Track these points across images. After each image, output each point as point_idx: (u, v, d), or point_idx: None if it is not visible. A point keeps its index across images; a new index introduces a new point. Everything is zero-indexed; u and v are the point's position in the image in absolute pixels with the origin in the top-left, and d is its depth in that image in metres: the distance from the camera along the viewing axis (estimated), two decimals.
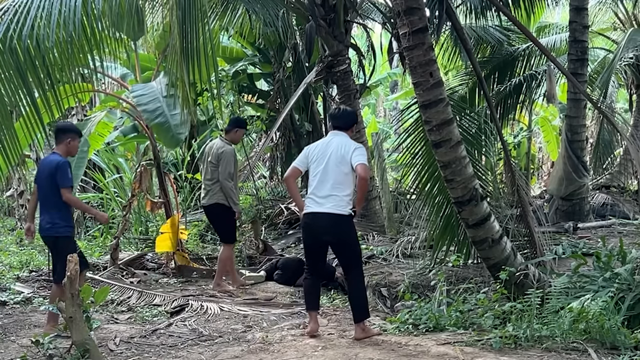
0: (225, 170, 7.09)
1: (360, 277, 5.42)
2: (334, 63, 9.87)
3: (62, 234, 5.58)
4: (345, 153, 5.31)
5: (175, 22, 5.21)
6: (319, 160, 5.31)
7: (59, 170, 5.47)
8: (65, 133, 5.70)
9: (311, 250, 5.40)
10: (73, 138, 5.71)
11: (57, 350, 4.88)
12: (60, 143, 5.67)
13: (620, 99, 19.00)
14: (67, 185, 5.49)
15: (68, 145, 5.68)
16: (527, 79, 11.51)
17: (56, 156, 5.60)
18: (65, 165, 5.52)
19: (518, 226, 7.13)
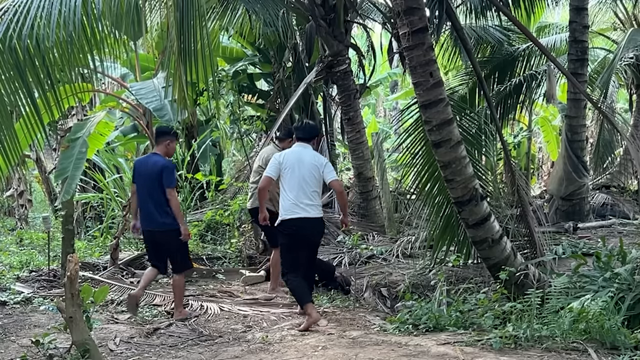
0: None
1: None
2: (334, 63, 9.87)
3: (174, 227, 6.09)
4: (319, 165, 6.00)
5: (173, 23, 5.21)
6: (295, 168, 5.87)
7: (165, 171, 6.04)
8: (164, 135, 6.25)
9: (301, 253, 5.90)
10: (172, 140, 6.27)
11: (57, 350, 4.88)
12: (160, 144, 6.22)
13: (620, 99, 18.99)
14: (172, 185, 6.09)
15: (167, 147, 6.23)
16: (527, 79, 11.50)
17: (158, 157, 6.16)
18: (171, 166, 6.17)
19: (518, 226, 7.13)
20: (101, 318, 6.05)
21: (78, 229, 11.79)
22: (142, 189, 6.16)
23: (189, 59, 5.24)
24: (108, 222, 11.50)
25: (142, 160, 6.42)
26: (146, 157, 6.50)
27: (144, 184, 6.14)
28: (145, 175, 6.12)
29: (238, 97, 12.86)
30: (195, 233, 10.13)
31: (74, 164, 7.84)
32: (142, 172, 6.18)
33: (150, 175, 6.06)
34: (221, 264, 8.79)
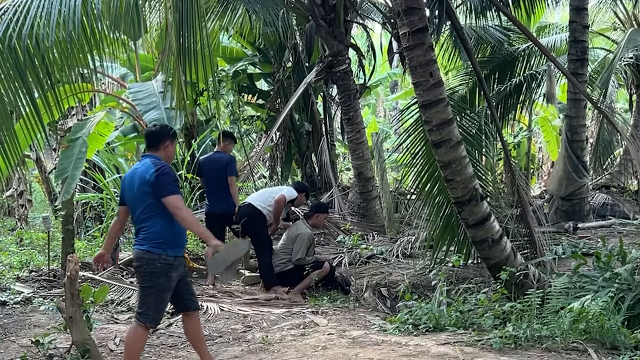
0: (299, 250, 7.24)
1: None
2: (334, 63, 9.87)
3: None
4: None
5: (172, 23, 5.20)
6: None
7: (230, 163, 7.66)
8: (227, 137, 7.99)
9: None
10: (229, 142, 7.98)
11: (57, 350, 4.88)
12: (223, 143, 7.90)
13: (620, 99, 18.99)
14: (235, 174, 7.78)
15: (226, 147, 7.87)
16: (527, 79, 11.50)
17: (223, 154, 7.78)
18: (234, 159, 7.92)
19: (518, 226, 7.13)
20: (101, 318, 6.05)
21: (78, 229, 11.78)
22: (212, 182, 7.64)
23: (188, 60, 5.24)
24: (108, 222, 11.48)
25: (208, 159, 7.86)
26: (210, 155, 8.01)
27: (212, 177, 7.61)
28: (214, 170, 7.58)
29: (238, 97, 12.89)
30: None
31: (73, 164, 7.84)
32: (210, 168, 7.64)
33: (219, 169, 7.56)
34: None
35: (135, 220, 4.41)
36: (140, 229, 4.34)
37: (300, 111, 12.77)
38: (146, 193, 4.28)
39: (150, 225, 4.28)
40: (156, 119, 7.76)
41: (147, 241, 4.27)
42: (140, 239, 4.32)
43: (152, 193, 4.25)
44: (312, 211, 7.72)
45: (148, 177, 4.26)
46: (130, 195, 4.42)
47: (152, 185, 4.24)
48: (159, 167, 4.30)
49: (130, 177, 4.47)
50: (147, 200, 4.29)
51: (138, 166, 4.45)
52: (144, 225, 4.31)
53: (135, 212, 4.39)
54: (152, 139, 4.50)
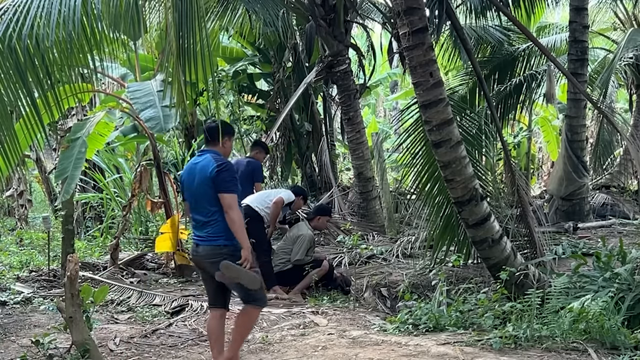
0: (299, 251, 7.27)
1: None
2: (334, 63, 9.87)
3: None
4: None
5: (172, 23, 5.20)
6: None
7: (256, 170, 8.06)
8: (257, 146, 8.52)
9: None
10: (259, 151, 8.38)
11: (57, 350, 4.88)
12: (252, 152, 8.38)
13: (620, 99, 18.99)
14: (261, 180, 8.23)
15: (256, 155, 8.27)
16: (527, 79, 11.50)
17: (252, 160, 8.16)
18: (260, 166, 8.31)
19: (518, 226, 7.13)
20: (101, 318, 6.05)
21: (78, 229, 11.79)
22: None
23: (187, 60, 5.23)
24: (108, 222, 11.50)
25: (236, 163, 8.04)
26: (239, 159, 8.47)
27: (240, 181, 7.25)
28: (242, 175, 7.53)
29: (238, 97, 12.89)
30: None
31: (73, 164, 7.83)
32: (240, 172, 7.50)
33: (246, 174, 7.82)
34: None
35: (198, 213, 4.41)
36: (208, 223, 4.34)
37: (300, 111, 12.77)
38: (209, 187, 4.32)
39: (218, 218, 4.30)
40: (152, 117, 7.73)
41: (220, 235, 4.31)
42: (211, 234, 4.33)
43: (214, 188, 4.30)
44: (314, 213, 7.74)
45: (209, 172, 4.31)
46: (191, 189, 4.46)
47: (213, 180, 4.29)
48: (220, 162, 4.35)
49: (189, 171, 4.52)
50: (209, 195, 4.32)
51: (198, 160, 4.49)
52: (212, 219, 4.33)
53: (198, 206, 4.41)
54: (211, 134, 4.54)
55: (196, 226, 4.47)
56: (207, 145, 4.58)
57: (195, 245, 4.46)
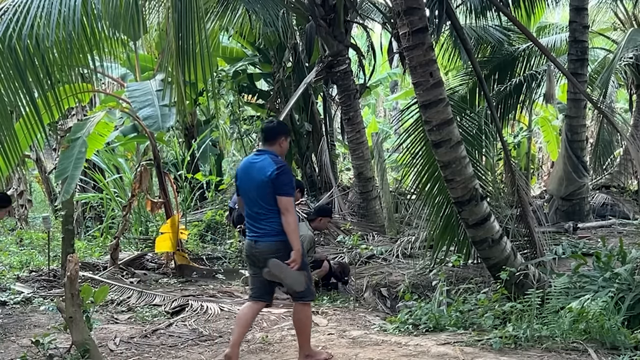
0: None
1: None
2: (334, 63, 9.87)
3: None
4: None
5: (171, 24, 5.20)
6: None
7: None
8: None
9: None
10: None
11: (57, 350, 4.88)
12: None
13: (620, 99, 18.99)
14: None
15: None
16: (527, 79, 11.50)
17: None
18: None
19: (518, 226, 7.13)
20: (101, 318, 6.05)
21: (78, 229, 11.79)
22: None
23: (187, 61, 5.23)
24: (108, 222, 11.50)
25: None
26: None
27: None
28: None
29: (238, 97, 12.89)
30: (195, 233, 10.13)
31: (73, 164, 7.82)
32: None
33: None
34: (221, 264, 8.79)
35: (254, 211, 4.51)
36: (265, 220, 4.45)
37: (300, 111, 12.77)
38: (267, 188, 4.42)
39: (274, 216, 4.42)
40: (149, 116, 7.72)
41: (275, 232, 4.43)
42: (268, 230, 4.45)
43: (271, 188, 4.41)
44: (315, 214, 7.70)
45: (269, 173, 4.41)
46: (247, 187, 4.55)
47: (272, 182, 4.40)
48: (280, 165, 4.48)
49: (246, 169, 4.60)
50: (266, 195, 4.43)
51: (255, 160, 4.58)
52: (270, 216, 4.44)
53: (254, 204, 4.50)
54: (269, 133, 4.66)
55: (252, 223, 4.56)
56: (264, 145, 4.67)
57: (251, 241, 4.55)
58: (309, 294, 4.58)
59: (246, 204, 4.59)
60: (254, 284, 4.69)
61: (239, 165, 4.79)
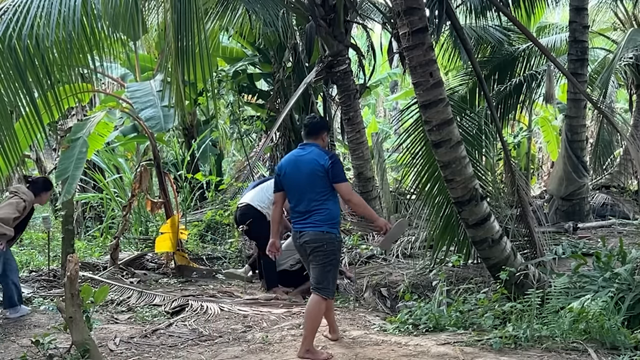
0: None
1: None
2: (334, 63, 9.87)
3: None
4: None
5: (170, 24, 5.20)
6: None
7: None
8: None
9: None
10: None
11: (57, 350, 4.88)
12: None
13: (620, 99, 18.99)
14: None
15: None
16: (527, 79, 11.50)
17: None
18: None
19: (518, 226, 7.13)
20: (101, 318, 6.05)
21: (78, 229, 11.79)
22: None
23: (186, 61, 5.23)
24: (108, 222, 11.50)
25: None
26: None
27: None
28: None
29: (238, 97, 12.89)
30: (195, 233, 10.13)
31: (74, 164, 7.82)
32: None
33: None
34: (221, 264, 8.79)
35: (302, 202, 4.68)
36: (313, 212, 4.64)
37: (300, 111, 12.77)
38: (320, 178, 4.63)
39: (325, 207, 4.63)
40: (152, 117, 7.73)
41: (324, 223, 4.63)
42: (315, 221, 4.63)
43: (326, 178, 4.60)
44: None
45: (323, 163, 4.63)
46: (296, 180, 4.72)
47: (327, 171, 4.61)
48: (331, 155, 4.72)
49: (293, 162, 4.78)
50: (320, 185, 4.64)
51: (301, 153, 4.79)
52: (319, 208, 4.64)
53: (303, 195, 4.68)
54: (313, 128, 4.89)
55: (300, 215, 4.73)
56: (308, 139, 4.87)
57: (298, 233, 4.74)
58: (330, 291, 4.74)
59: (294, 197, 4.77)
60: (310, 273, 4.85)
61: (282, 161, 4.95)
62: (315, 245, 4.63)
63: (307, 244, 4.67)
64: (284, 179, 4.82)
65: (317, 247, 4.63)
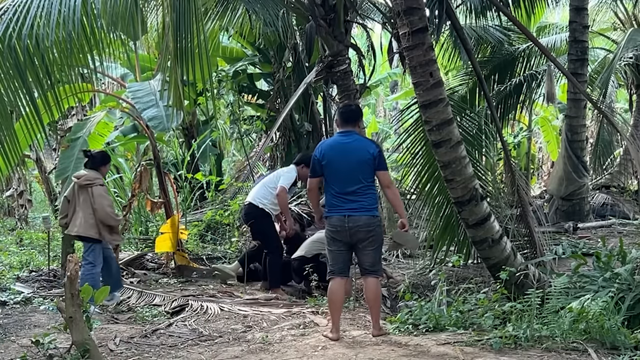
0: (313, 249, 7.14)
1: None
2: (334, 63, 9.85)
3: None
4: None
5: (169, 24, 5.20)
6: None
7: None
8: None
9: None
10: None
11: (57, 350, 4.87)
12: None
13: (620, 99, 19.00)
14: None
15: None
16: (527, 79, 11.51)
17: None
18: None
19: (518, 226, 7.13)
20: (101, 318, 6.05)
21: None
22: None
23: (185, 61, 5.23)
24: None
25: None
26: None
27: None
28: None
29: (238, 97, 12.88)
30: (195, 233, 10.13)
31: (74, 163, 7.84)
32: None
33: None
34: (221, 264, 8.78)
35: (349, 187, 4.89)
36: (363, 196, 4.90)
37: (300, 111, 12.76)
38: (369, 165, 4.91)
39: (371, 192, 4.96)
40: (154, 117, 7.73)
41: (373, 207, 4.96)
42: (366, 206, 4.91)
43: (373, 166, 4.91)
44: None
45: (372, 152, 4.92)
46: (344, 165, 4.91)
47: (375, 158, 4.91)
48: (376, 144, 5.08)
49: (338, 148, 4.97)
50: (368, 172, 4.93)
51: (346, 140, 4.98)
52: (367, 192, 4.93)
53: (351, 181, 4.89)
54: (352, 115, 5.14)
55: (346, 198, 4.92)
56: (345, 126, 5.06)
57: (346, 217, 4.90)
58: (380, 269, 5.21)
59: (339, 182, 4.93)
60: (338, 260, 5.05)
61: (323, 147, 5.07)
62: (369, 229, 4.91)
63: (360, 228, 4.88)
64: (327, 165, 4.98)
65: (370, 230, 4.91)
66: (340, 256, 5.04)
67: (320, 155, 5.01)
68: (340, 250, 5.03)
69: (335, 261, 5.07)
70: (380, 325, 5.08)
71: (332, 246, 5.08)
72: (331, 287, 5.07)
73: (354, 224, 4.89)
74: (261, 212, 7.09)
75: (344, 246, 5.00)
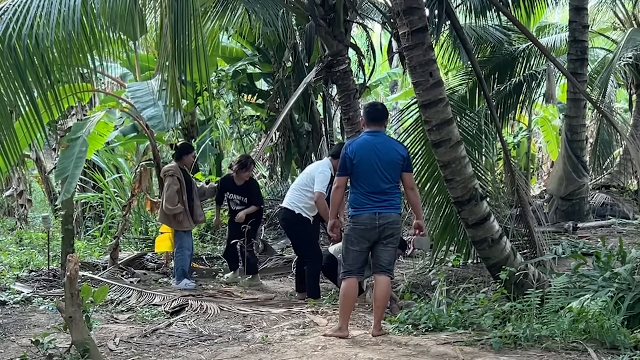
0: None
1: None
2: (334, 63, 9.84)
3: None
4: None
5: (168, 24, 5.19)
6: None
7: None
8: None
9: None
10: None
11: (57, 350, 4.88)
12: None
13: (620, 99, 19.00)
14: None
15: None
16: (527, 79, 11.51)
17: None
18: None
19: (518, 226, 7.13)
20: (101, 318, 6.05)
21: (78, 229, 11.78)
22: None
23: (183, 62, 5.23)
24: (108, 222, 11.50)
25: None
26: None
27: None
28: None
29: (238, 97, 12.89)
30: (195, 233, 10.13)
31: (74, 163, 7.83)
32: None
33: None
34: (221, 264, 8.79)
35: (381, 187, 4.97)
36: (390, 194, 5.01)
37: (300, 111, 12.77)
38: (399, 166, 5.00)
39: (397, 192, 5.09)
40: (154, 116, 7.74)
41: (399, 206, 5.13)
42: (394, 204, 5.04)
43: (402, 166, 5.01)
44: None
45: (402, 154, 5.05)
46: (375, 164, 4.95)
47: (404, 159, 5.03)
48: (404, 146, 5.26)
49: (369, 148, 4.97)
50: (397, 172, 5.01)
51: (376, 140, 5.02)
52: (395, 192, 5.05)
53: (381, 180, 4.96)
54: (380, 115, 5.14)
55: (376, 197, 4.99)
56: (374, 126, 5.08)
57: (377, 214, 4.97)
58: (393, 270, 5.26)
59: (369, 180, 4.97)
60: (359, 260, 5.10)
61: (354, 146, 5.04)
62: (397, 227, 5.07)
63: (390, 225, 4.98)
64: (359, 164, 4.98)
65: (397, 228, 5.08)
66: (362, 256, 5.10)
67: (352, 154, 5.00)
68: (363, 250, 5.08)
69: (355, 261, 5.10)
70: (381, 326, 5.11)
71: (356, 246, 5.06)
72: (347, 286, 5.11)
73: (385, 220, 4.97)
74: (298, 217, 6.65)
75: (367, 246, 5.06)
